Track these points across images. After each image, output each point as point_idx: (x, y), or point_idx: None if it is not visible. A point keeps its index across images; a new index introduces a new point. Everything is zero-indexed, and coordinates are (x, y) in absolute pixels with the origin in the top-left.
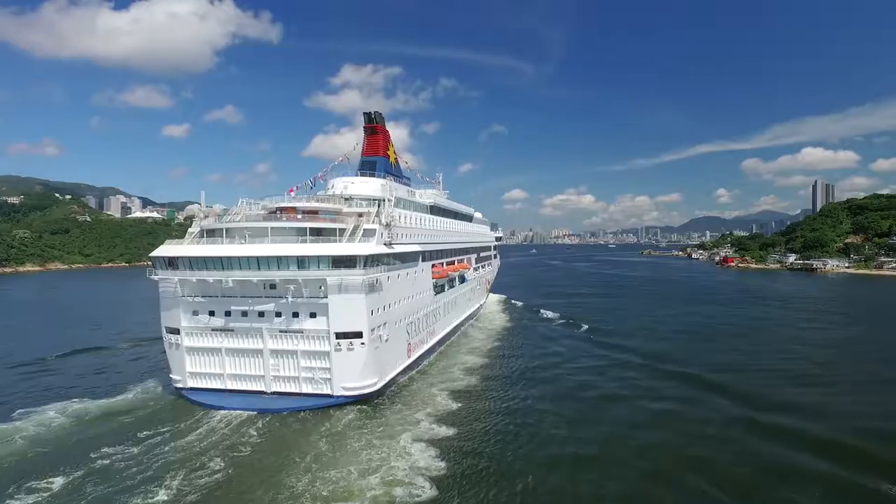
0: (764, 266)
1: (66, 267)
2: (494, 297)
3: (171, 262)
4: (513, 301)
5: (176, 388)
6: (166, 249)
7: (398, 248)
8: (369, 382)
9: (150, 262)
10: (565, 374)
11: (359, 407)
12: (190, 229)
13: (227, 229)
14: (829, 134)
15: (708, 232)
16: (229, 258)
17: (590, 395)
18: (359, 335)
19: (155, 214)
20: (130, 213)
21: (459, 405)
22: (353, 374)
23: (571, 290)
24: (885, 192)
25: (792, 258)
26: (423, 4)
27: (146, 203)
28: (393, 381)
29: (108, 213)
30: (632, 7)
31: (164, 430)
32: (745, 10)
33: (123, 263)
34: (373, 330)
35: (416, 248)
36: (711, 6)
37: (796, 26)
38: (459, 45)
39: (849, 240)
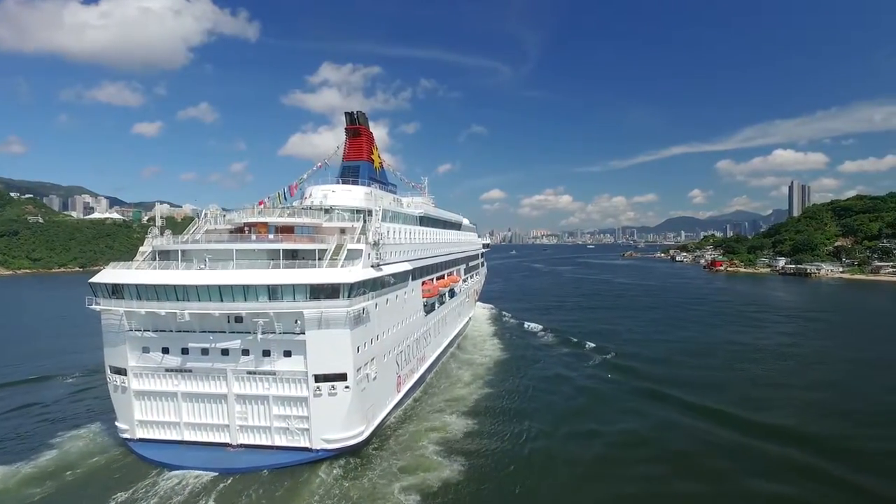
0: (754, 270)
1: (9, 272)
2: (482, 311)
3: (116, 290)
4: (504, 316)
5: (123, 440)
6: (109, 275)
7: (387, 270)
8: (355, 432)
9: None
10: (596, 428)
11: (343, 461)
12: (141, 248)
13: (182, 251)
14: (798, 136)
15: (683, 232)
16: (185, 287)
17: (650, 472)
18: (342, 377)
19: (115, 215)
20: (93, 214)
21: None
22: (336, 422)
23: (564, 300)
24: (850, 193)
25: (782, 262)
26: (402, 5)
27: (114, 203)
28: (382, 424)
29: (68, 213)
30: (607, 12)
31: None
32: (717, 16)
33: (77, 268)
34: (359, 369)
35: (407, 265)
36: (685, 12)
37: (764, 32)
38: (439, 46)
39: (838, 243)
